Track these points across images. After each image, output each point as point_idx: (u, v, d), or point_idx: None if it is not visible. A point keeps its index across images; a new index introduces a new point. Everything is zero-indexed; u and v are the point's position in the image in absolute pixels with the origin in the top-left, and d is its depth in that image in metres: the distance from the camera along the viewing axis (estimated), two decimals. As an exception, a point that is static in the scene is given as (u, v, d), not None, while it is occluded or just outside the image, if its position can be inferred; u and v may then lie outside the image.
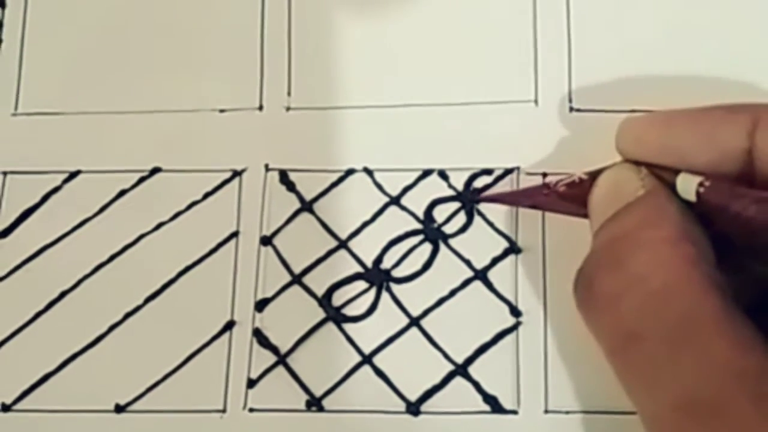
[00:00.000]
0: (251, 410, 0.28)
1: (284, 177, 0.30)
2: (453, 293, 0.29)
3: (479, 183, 0.30)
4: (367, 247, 0.29)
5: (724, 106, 0.23)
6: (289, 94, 0.31)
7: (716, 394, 0.18)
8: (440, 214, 0.29)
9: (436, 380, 0.28)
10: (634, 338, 0.20)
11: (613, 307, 0.21)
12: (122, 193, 0.31)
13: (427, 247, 0.29)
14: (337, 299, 0.29)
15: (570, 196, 0.25)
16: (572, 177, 0.25)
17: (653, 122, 0.24)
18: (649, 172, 0.23)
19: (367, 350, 0.28)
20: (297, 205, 0.30)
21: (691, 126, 0.22)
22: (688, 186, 0.21)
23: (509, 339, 0.28)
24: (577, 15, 0.31)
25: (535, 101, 0.30)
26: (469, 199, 0.29)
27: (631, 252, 0.21)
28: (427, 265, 0.29)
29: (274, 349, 0.28)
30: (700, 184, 0.21)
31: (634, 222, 0.21)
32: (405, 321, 0.28)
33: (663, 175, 0.23)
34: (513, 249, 0.29)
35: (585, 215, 0.25)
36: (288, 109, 0.31)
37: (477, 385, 0.27)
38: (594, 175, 0.25)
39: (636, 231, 0.21)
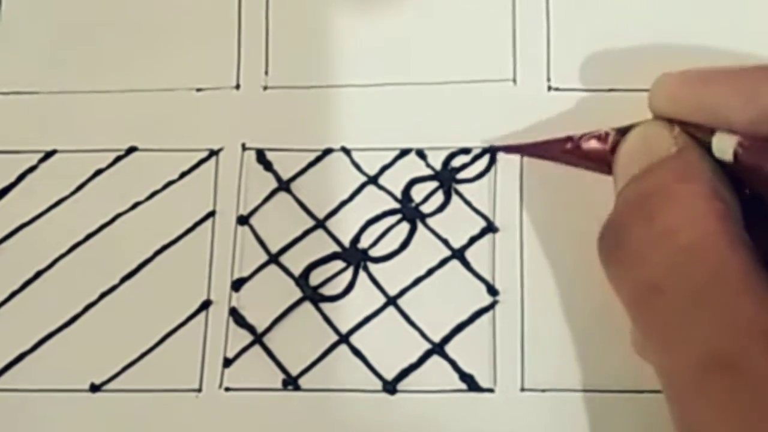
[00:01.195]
0: (227, 389, 0.28)
1: (261, 156, 0.30)
2: (430, 272, 0.28)
3: (457, 162, 0.29)
4: (344, 227, 0.29)
5: (765, 66, 0.22)
6: (266, 73, 0.31)
7: (737, 350, 0.18)
8: (418, 193, 0.29)
9: (413, 359, 0.28)
10: (659, 291, 0.20)
11: (641, 261, 0.21)
12: (98, 172, 0.30)
13: (404, 227, 0.29)
14: (315, 279, 0.29)
15: (593, 152, 0.26)
16: (599, 131, 0.25)
17: (689, 80, 0.23)
18: (682, 131, 0.23)
19: (344, 329, 0.28)
20: (274, 184, 0.30)
21: (731, 84, 0.22)
22: (724, 145, 0.21)
23: (486, 318, 0.28)
24: (555, -7, 0.31)
25: (514, 80, 0.30)
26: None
27: (662, 206, 0.21)
28: (404, 245, 0.29)
29: (250, 329, 0.28)
30: (740, 144, 0.21)
31: (667, 176, 0.21)
32: (382, 300, 0.28)
33: (696, 134, 0.22)
34: (490, 228, 0.29)
35: (605, 172, 0.25)
36: (265, 88, 0.31)
37: (454, 364, 0.27)
38: (622, 132, 0.25)
39: (668, 185, 0.21)
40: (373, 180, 0.30)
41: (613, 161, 0.24)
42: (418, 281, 0.28)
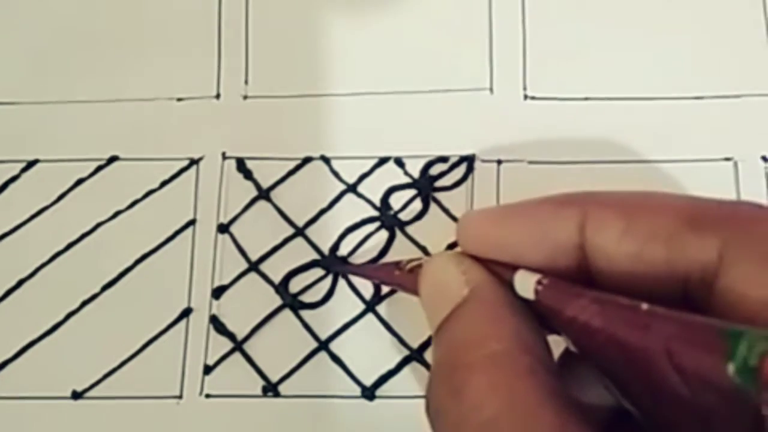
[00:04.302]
0: (207, 396, 0.28)
1: (241, 165, 0.30)
2: (409, 279, 0.29)
3: (435, 170, 0.30)
4: (324, 235, 0.30)
5: (554, 199, 0.21)
6: (246, 82, 0.32)
7: None
8: (396, 201, 0.30)
9: (392, 365, 0.28)
10: None
11: None
12: (80, 181, 0.31)
13: (383, 234, 0.29)
14: (294, 286, 0.29)
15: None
16: (420, 260, 0.24)
17: (489, 218, 0.22)
18: (473, 263, 0.22)
19: (323, 336, 0.28)
20: (254, 192, 0.30)
21: (523, 222, 0.21)
22: (526, 284, 0.20)
23: (463, 324, 0.28)
24: (532, 3, 0.31)
25: (491, 89, 0.31)
26: (423, 186, 0.30)
27: (465, 378, 0.19)
28: (383, 252, 0.29)
29: (230, 336, 0.29)
30: (538, 282, 0.20)
31: (465, 336, 0.20)
32: (361, 307, 0.29)
33: (500, 271, 0.21)
34: (468, 235, 0.29)
35: None
36: (245, 97, 0.31)
37: (431, 370, 0.28)
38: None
39: (467, 351, 0.20)
40: (352, 188, 0.30)
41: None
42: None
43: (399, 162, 0.30)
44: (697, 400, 0.16)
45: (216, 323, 0.29)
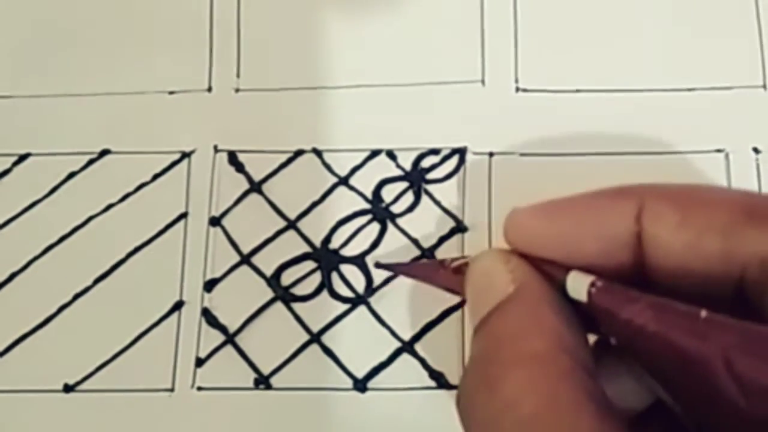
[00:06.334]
0: (199, 389, 0.28)
1: (233, 158, 0.30)
2: (400, 272, 0.29)
3: (427, 163, 0.30)
4: (315, 228, 0.30)
5: (609, 191, 0.21)
6: (238, 75, 0.32)
7: None
8: (388, 193, 0.30)
9: (383, 357, 0.28)
10: None
11: None
12: (72, 175, 0.31)
13: (375, 227, 0.29)
14: (286, 279, 0.29)
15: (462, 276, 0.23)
16: (465, 259, 0.23)
17: (539, 213, 0.22)
18: (521, 261, 0.21)
19: (315, 329, 0.28)
20: (246, 186, 0.30)
21: (577, 215, 0.21)
22: (579, 285, 0.20)
23: (455, 316, 0.28)
24: (523, -4, 0.31)
25: (482, 81, 0.31)
26: (415, 179, 0.30)
27: (502, 374, 0.19)
28: (375, 245, 0.29)
29: (222, 329, 0.29)
30: (592, 284, 0.19)
31: (506, 332, 0.20)
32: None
33: (551, 271, 0.21)
34: (459, 228, 0.29)
35: None
36: (237, 90, 0.31)
37: (423, 362, 0.28)
38: None
39: (507, 347, 0.19)
40: (343, 181, 0.30)
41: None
42: (388, 281, 0.29)
43: (391, 154, 0.30)
44: (753, 409, 0.16)
45: (208, 316, 0.29)
